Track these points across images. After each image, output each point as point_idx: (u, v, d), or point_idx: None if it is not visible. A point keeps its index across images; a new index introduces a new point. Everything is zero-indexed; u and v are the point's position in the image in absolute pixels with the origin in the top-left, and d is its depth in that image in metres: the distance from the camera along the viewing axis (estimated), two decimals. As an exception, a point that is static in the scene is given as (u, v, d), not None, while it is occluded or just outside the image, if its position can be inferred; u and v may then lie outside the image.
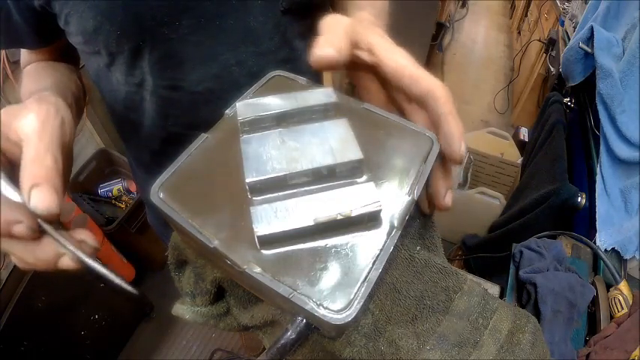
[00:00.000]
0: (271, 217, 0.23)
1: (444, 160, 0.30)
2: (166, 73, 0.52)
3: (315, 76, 0.37)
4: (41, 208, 0.24)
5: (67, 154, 0.30)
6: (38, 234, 0.25)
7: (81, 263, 0.25)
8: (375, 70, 0.33)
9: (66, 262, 0.25)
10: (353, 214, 0.24)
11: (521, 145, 1.96)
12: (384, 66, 0.32)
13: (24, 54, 0.60)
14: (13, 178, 0.25)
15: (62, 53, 0.60)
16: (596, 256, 0.91)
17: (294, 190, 0.25)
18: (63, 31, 0.50)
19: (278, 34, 0.43)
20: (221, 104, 0.32)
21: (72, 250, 0.24)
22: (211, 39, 0.50)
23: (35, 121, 0.27)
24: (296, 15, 0.53)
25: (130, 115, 0.59)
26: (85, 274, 0.27)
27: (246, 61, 0.53)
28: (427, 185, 0.29)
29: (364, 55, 0.32)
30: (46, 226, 0.25)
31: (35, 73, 0.57)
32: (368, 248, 0.24)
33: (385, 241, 0.24)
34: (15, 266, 1.07)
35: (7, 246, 0.25)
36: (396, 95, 0.33)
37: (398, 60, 0.33)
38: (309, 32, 0.55)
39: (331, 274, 0.23)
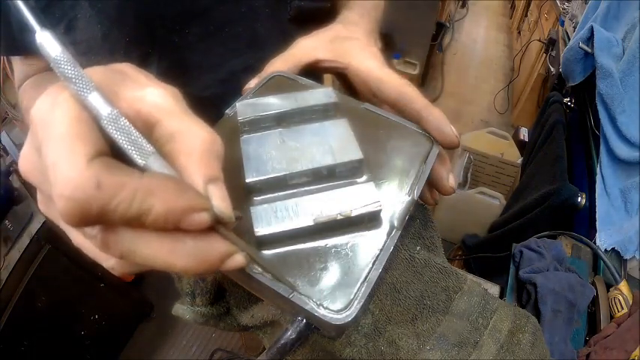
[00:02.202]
0: (271, 217, 0.23)
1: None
2: (174, 81, 0.52)
3: (315, 77, 0.37)
4: (226, 212, 0.19)
5: None
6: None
7: (253, 261, 0.21)
8: (344, 75, 0.33)
9: (238, 261, 0.20)
10: (353, 214, 0.24)
11: (521, 145, 1.96)
12: (351, 68, 0.32)
13: (18, 70, 0.54)
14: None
15: None
16: (596, 256, 0.91)
17: (294, 190, 0.25)
18: None
19: (284, 40, 0.43)
20: (227, 108, 0.32)
21: (245, 247, 0.20)
22: (219, 46, 0.50)
23: (170, 98, 0.22)
24: (302, 22, 0.53)
25: None
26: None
27: (252, 66, 0.53)
28: (428, 176, 0.29)
29: (331, 64, 0.33)
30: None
31: (38, 85, 0.52)
32: (368, 248, 0.24)
33: (385, 241, 0.24)
34: (15, 266, 1.07)
35: (147, 242, 0.18)
36: (370, 100, 0.34)
37: (363, 62, 0.33)
38: None
39: (331, 274, 0.23)
